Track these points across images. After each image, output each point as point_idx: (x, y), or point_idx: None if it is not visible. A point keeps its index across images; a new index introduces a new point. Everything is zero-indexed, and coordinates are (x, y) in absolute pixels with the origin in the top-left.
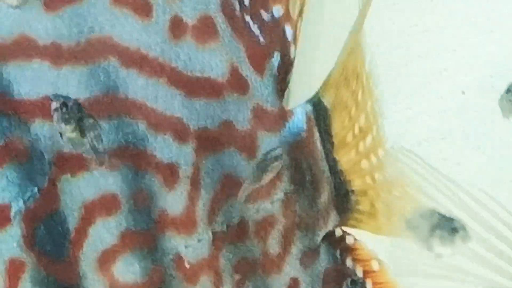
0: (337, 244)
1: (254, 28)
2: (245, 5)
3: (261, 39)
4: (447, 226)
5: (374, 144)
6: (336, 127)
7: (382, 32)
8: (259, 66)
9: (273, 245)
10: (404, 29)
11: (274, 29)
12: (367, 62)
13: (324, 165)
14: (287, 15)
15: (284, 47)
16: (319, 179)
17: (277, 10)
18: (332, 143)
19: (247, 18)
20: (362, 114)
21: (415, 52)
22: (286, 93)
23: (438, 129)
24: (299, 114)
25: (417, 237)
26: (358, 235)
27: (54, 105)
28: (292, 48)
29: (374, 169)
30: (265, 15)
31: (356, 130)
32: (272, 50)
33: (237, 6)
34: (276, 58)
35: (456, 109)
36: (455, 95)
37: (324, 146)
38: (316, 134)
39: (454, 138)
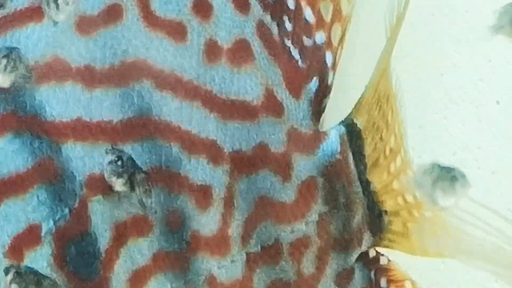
0: (371, 265)
1: (294, 52)
2: (287, 30)
3: (300, 63)
4: (447, 176)
5: (403, 165)
6: (369, 149)
7: (417, 43)
8: (295, 89)
9: (308, 266)
10: (439, 39)
11: (315, 54)
12: (394, 83)
13: (357, 186)
14: (329, 42)
15: (322, 72)
16: (352, 200)
17: (320, 37)
18: (365, 165)
19: (288, 42)
20: (392, 136)
21: (450, 63)
22: (322, 116)
23: (473, 138)
24: (333, 136)
25: (423, 194)
26: (392, 256)
27: (109, 158)
28: (330, 74)
29: (404, 190)
30: (306, 41)
31: (387, 151)
32: (311, 75)
33: (275, 30)
34: (314, 83)
35: (491, 119)
36: (490, 104)
37: (357, 168)
38: (350, 156)
39: (489, 147)
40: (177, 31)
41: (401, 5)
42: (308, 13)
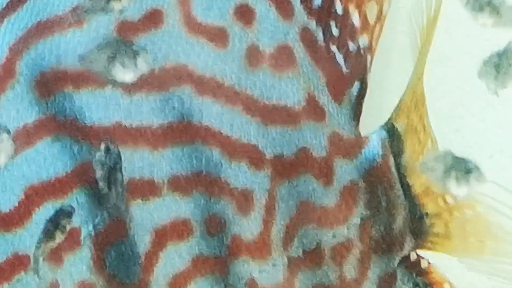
0: (413, 268)
1: (339, 58)
2: (333, 35)
3: (345, 68)
4: (461, 167)
5: None
6: (408, 152)
7: (455, 46)
8: (338, 94)
9: (350, 269)
10: (477, 42)
11: (358, 58)
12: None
13: (398, 190)
14: (370, 45)
15: (364, 76)
16: (394, 204)
17: (363, 40)
18: (405, 168)
19: (333, 48)
20: (429, 139)
21: None
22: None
23: (511, 141)
24: (374, 140)
25: (433, 178)
26: (432, 259)
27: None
28: (368, 76)
29: (445, 192)
30: (351, 45)
31: (425, 154)
32: (354, 79)
33: (320, 36)
34: (356, 87)
35: None
36: None
37: (398, 171)
38: (391, 160)
39: None
40: (218, 36)
41: (431, 7)
42: (355, 17)
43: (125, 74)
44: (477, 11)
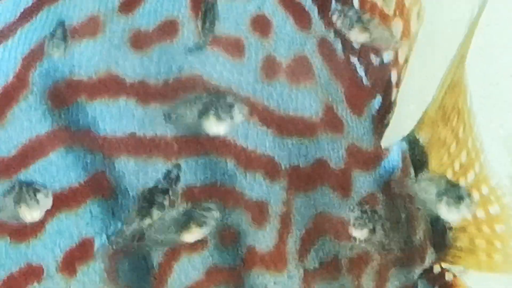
0: (436, 281)
1: (360, 70)
2: (354, 48)
3: (365, 81)
4: (454, 193)
5: (477, 180)
6: (434, 165)
7: (474, 50)
8: (357, 106)
9: (368, 282)
10: (497, 48)
11: (381, 73)
12: (468, 97)
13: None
14: (395, 61)
15: (387, 90)
16: (414, 217)
17: (388, 56)
18: None
19: (354, 59)
20: (464, 151)
21: (506, 71)
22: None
23: None
24: (395, 152)
25: (425, 199)
26: (458, 271)
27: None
28: (394, 91)
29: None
30: (374, 59)
31: (457, 167)
32: (375, 92)
33: (339, 47)
34: (377, 101)
35: None
36: None
37: None
38: (412, 172)
39: None
40: (234, 47)
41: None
42: None
43: (219, 126)
44: (348, 29)
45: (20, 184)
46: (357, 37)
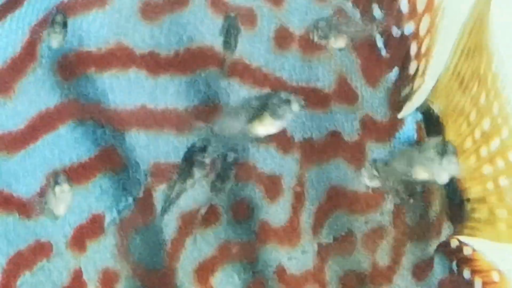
0: (454, 255)
1: (379, 41)
2: (374, 18)
3: (384, 53)
4: (439, 150)
5: (504, 146)
6: (451, 135)
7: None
8: (373, 78)
9: (383, 257)
10: None
11: (401, 45)
12: (495, 62)
13: None
14: (416, 33)
15: (405, 62)
16: (430, 189)
17: (409, 28)
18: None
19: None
20: (486, 118)
21: None
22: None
23: None
24: (409, 123)
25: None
26: (477, 245)
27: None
28: (413, 64)
29: (499, 174)
30: (395, 31)
31: (477, 135)
32: (393, 64)
33: (357, 18)
34: (394, 73)
35: None
36: None
37: None
38: None
39: None
40: (246, 17)
41: None
42: (403, 3)
43: (274, 125)
44: (325, 39)
45: None
46: (337, 44)
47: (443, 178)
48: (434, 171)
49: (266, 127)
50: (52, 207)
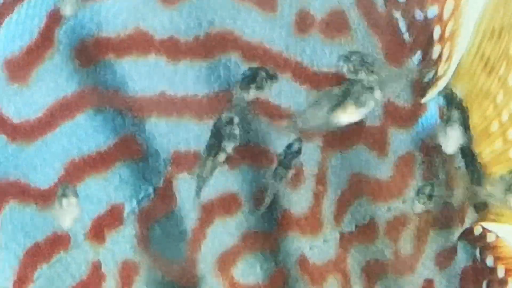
0: (477, 243)
1: (402, 24)
2: (399, 1)
3: (406, 36)
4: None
5: None
6: (475, 118)
7: None
8: (395, 62)
9: (405, 245)
10: None
11: (424, 28)
12: None
13: (459, 161)
14: (440, 16)
15: (428, 46)
16: (454, 175)
17: (433, 11)
18: (470, 136)
19: (397, 14)
20: None
21: None
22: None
23: None
24: (432, 108)
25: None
26: (501, 232)
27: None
28: (436, 48)
29: None
30: (418, 14)
31: (505, 118)
32: (416, 48)
33: (380, 1)
34: (417, 57)
35: None
36: None
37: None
38: None
39: None
40: (266, 1)
41: None
42: None
43: (358, 112)
44: (355, 74)
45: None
46: (366, 79)
47: (449, 148)
48: (440, 140)
49: (349, 115)
50: (58, 219)
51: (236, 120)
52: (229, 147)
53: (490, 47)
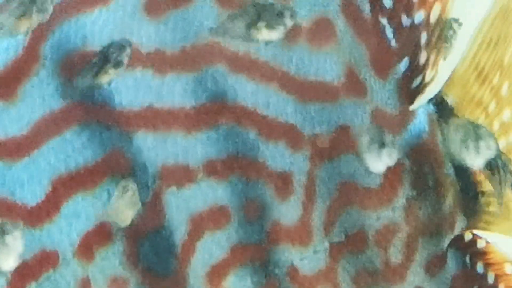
0: (467, 249)
1: (389, 31)
2: (385, 8)
3: (393, 43)
4: (473, 134)
5: None
6: None
7: None
8: (382, 69)
9: (395, 253)
10: None
11: (411, 34)
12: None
13: (448, 168)
14: (427, 22)
15: (415, 52)
16: (443, 183)
17: (420, 16)
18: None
19: (383, 21)
20: (507, 109)
21: None
22: (415, 96)
23: None
24: (421, 115)
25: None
26: (491, 238)
27: None
28: (423, 54)
29: None
30: (405, 20)
31: (496, 126)
32: (403, 54)
33: (366, 8)
34: (404, 63)
35: None
36: None
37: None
38: (439, 136)
39: None
40: None
41: None
42: None
43: (272, 34)
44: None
45: None
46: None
47: (477, 163)
48: (468, 156)
49: (263, 36)
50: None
51: (128, 50)
52: (112, 73)
53: (485, 57)
